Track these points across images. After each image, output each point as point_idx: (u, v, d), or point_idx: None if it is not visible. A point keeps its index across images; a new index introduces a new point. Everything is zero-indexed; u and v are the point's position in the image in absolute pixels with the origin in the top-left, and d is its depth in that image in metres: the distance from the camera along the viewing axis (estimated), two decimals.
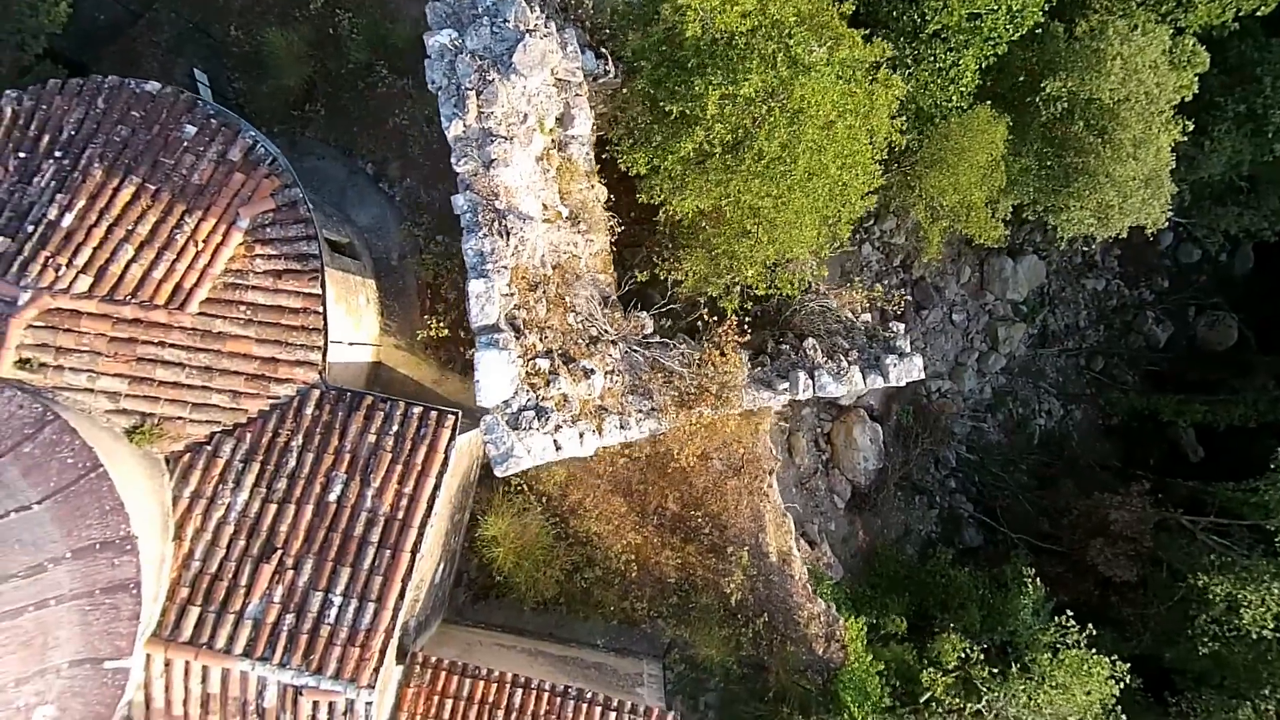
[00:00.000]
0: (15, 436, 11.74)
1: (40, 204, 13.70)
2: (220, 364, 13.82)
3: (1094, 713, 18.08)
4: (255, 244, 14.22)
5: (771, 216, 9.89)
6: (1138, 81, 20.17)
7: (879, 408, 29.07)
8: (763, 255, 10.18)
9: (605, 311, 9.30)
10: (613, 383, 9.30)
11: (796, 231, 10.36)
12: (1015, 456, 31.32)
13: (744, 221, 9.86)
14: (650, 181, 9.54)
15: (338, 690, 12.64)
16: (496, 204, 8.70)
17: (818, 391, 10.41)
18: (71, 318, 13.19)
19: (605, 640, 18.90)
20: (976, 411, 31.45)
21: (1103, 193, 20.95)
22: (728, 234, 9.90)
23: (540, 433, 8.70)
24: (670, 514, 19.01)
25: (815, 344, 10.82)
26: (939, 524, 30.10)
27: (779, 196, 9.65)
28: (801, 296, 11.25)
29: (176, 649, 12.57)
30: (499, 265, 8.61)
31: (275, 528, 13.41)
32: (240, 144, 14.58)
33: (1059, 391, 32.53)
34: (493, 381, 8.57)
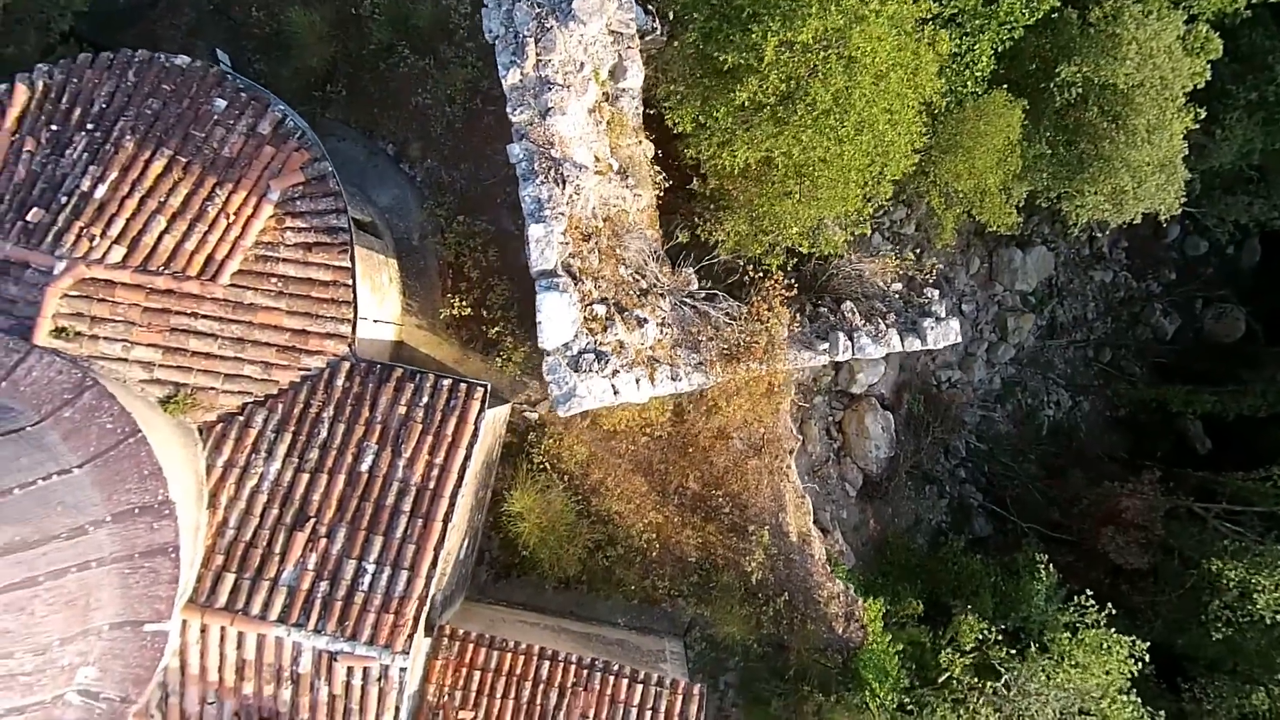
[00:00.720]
0: (55, 401, 11.81)
1: (73, 176, 13.77)
2: (252, 335, 13.90)
3: (1115, 690, 18.15)
4: (285, 217, 14.30)
5: (816, 174, 10.00)
6: (1153, 66, 20.27)
7: (890, 396, 29.15)
8: (806, 214, 10.27)
9: (654, 265, 9.39)
10: (663, 334, 9.39)
11: (839, 190, 10.45)
12: (1024, 447, 31.39)
13: (786, 181, 9.95)
14: (697, 137, 9.62)
15: (372, 656, 12.71)
16: (552, 153, 8.79)
17: (856, 353, 10.50)
18: (106, 288, 13.26)
19: (626, 619, 18.98)
20: (986, 402, 31.54)
21: (1118, 178, 21.03)
22: (770, 194, 9.99)
23: (599, 376, 8.78)
24: (691, 493, 19.09)
25: (853, 307, 10.93)
26: (949, 513, 30.16)
27: (828, 149, 9.76)
28: (837, 261, 11.33)
29: (213, 614, 12.63)
30: (556, 212, 8.70)
31: (308, 497, 13.48)
32: (270, 118, 14.66)
33: (1067, 383, 32.63)
34: (554, 324, 8.66)
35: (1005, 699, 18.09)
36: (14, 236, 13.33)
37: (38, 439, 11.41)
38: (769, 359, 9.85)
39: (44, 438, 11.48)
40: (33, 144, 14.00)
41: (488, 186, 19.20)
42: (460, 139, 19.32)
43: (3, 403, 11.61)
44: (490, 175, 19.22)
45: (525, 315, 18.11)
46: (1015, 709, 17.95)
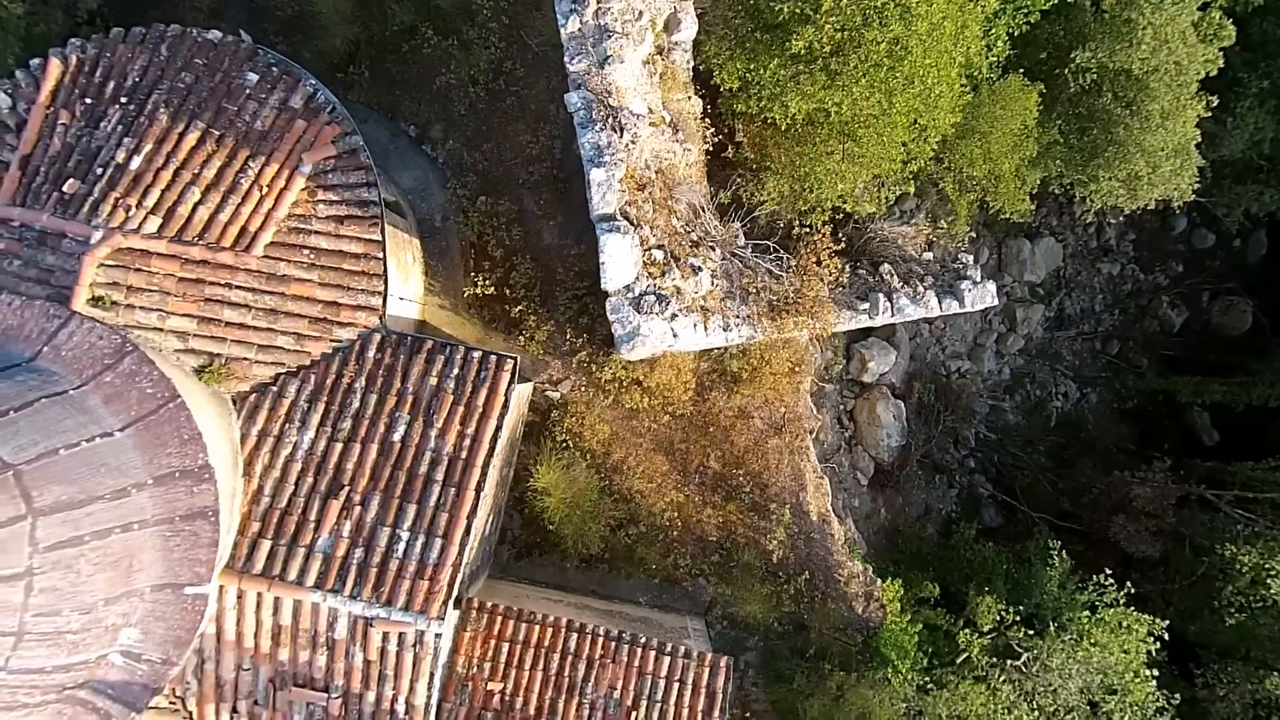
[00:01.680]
0: (96, 366, 11.90)
1: (108, 148, 13.88)
2: (285, 306, 13.99)
3: (1136, 667, 18.24)
4: (317, 190, 14.41)
5: (860, 132, 10.13)
6: (1168, 51, 20.39)
7: (901, 385, 29.26)
8: (849, 173, 10.40)
9: (705, 217, 9.50)
10: (714, 285, 9.50)
11: (883, 147, 10.59)
12: (1033, 438, 31.51)
13: (830, 141, 10.07)
14: (746, 93, 9.73)
15: (408, 621, 12.79)
16: (609, 101, 8.91)
17: (896, 314, 10.61)
18: (142, 257, 13.35)
19: (648, 597, 19.06)
20: (995, 392, 31.66)
21: (1133, 163, 21.14)
22: (812, 154, 10.10)
23: (660, 318, 8.87)
24: (712, 472, 19.18)
25: (890, 270, 11.03)
26: (958, 503, 30.28)
27: (877, 103, 9.90)
28: (874, 226, 11.44)
29: (250, 580, 12.71)
30: (615, 158, 8.80)
31: (341, 466, 13.57)
32: (301, 92, 14.78)
33: (1075, 374, 32.74)
34: (617, 265, 8.75)
35: (1027, 675, 18.17)
36: (50, 207, 13.42)
37: (80, 402, 11.50)
38: (816, 312, 9.93)
39: (86, 401, 11.56)
40: (67, 117, 14.09)
41: (510, 167, 19.30)
42: (482, 120, 19.42)
43: (45, 367, 11.69)
44: (513, 156, 19.33)
45: (548, 295, 18.29)
46: (1036, 685, 18.03)
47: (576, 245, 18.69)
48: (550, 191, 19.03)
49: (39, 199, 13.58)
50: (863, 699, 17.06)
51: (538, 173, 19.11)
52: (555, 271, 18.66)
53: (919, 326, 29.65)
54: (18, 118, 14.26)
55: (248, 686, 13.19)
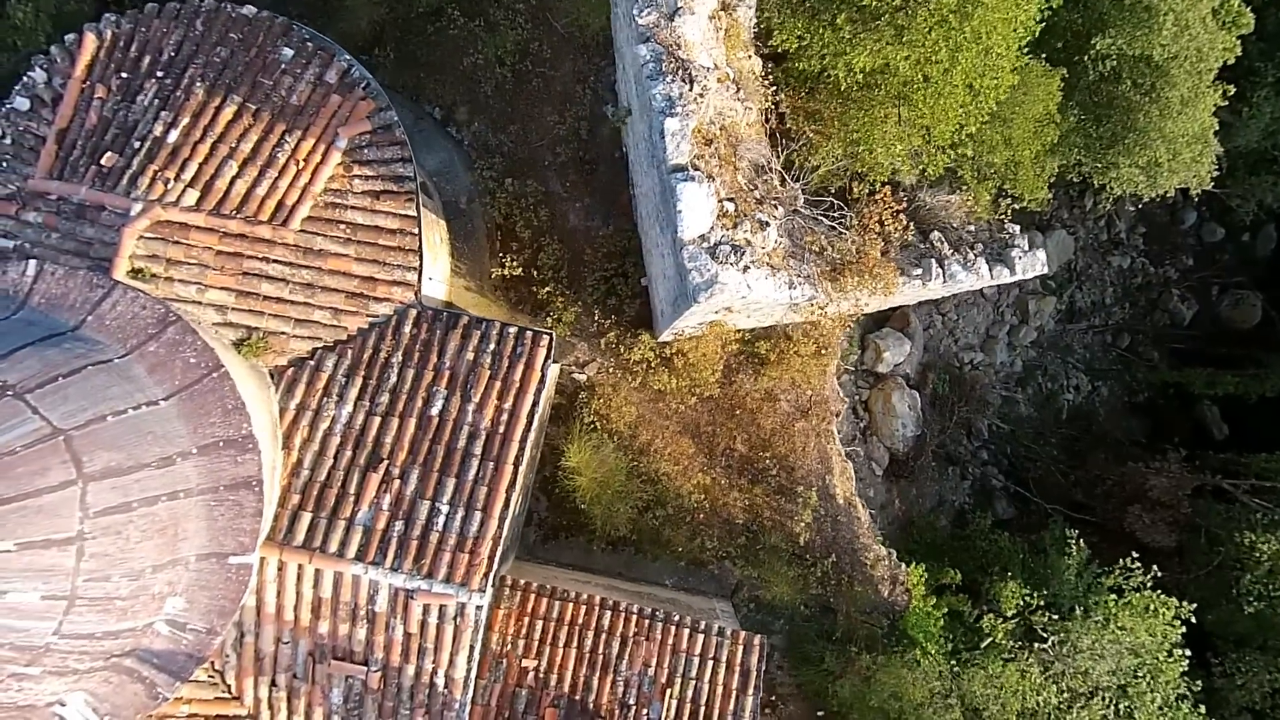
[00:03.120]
0: (140, 336, 11.87)
1: (145, 121, 13.85)
2: (321, 281, 13.96)
3: (1170, 645, 18.21)
4: (353, 165, 14.40)
5: (916, 95, 10.14)
6: (1189, 38, 20.38)
7: (915, 376, 29.26)
8: (906, 136, 10.41)
9: (768, 176, 9.49)
10: (778, 242, 9.49)
11: (941, 111, 10.61)
12: (1044, 430, 31.54)
13: (885, 105, 10.08)
14: (808, 50, 9.72)
15: (449, 593, 12.77)
16: (679, 53, 8.91)
17: (947, 279, 10.61)
18: (181, 230, 13.32)
19: (674, 580, 19.04)
20: (1007, 384, 31.67)
21: (1153, 150, 21.10)
22: (866, 118, 10.10)
23: (735, 269, 8.86)
24: (738, 455, 19.17)
25: (941, 236, 11.03)
26: (971, 495, 30.26)
27: (941, 61, 9.94)
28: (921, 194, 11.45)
29: (291, 552, 12.67)
30: (686, 109, 8.79)
31: (380, 439, 13.54)
32: (336, 67, 14.76)
33: (1086, 367, 32.76)
34: (694, 213, 8.71)
35: (1057, 657, 18.16)
36: (88, 180, 13.39)
37: (125, 371, 11.47)
38: (878, 273, 9.92)
39: (131, 370, 11.54)
40: (103, 91, 14.06)
41: (535, 149, 19.30)
42: (508, 102, 19.42)
43: (90, 336, 11.66)
44: (538, 138, 19.33)
45: (575, 276, 18.28)
46: (1065, 667, 18.01)
47: (604, 227, 18.70)
48: (576, 173, 19.04)
49: (76, 172, 13.55)
50: (895, 679, 17.02)
51: (564, 154, 19.12)
52: (583, 253, 18.66)
53: (932, 317, 29.71)
54: (53, 93, 14.22)
55: (287, 660, 13.14)
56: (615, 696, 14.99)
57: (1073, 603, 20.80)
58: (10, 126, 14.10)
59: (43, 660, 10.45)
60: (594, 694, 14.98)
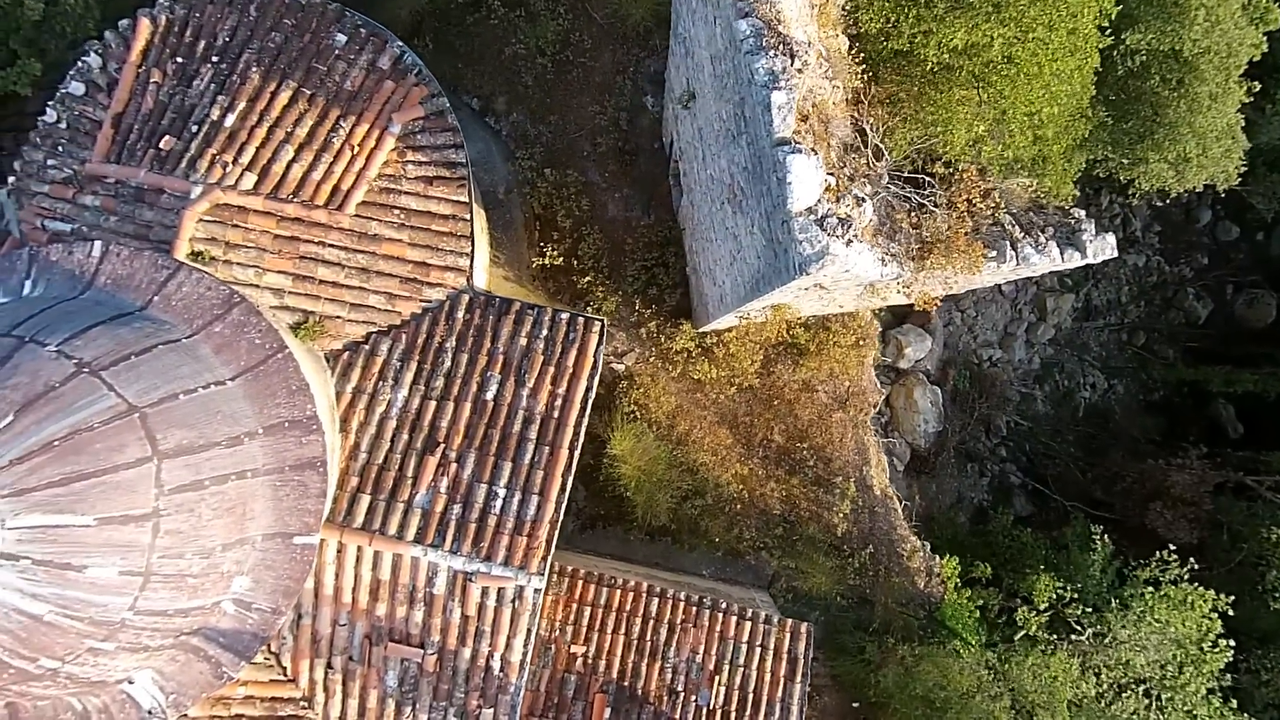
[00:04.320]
0: (206, 316, 11.91)
1: (202, 105, 13.89)
2: (376, 266, 14.00)
3: (1210, 639, 18.25)
4: (406, 150, 14.44)
5: (995, 78, 10.23)
6: (1220, 33, 20.45)
7: (936, 372, 29.33)
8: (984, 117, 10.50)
9: (859, 153, 9.55)
10: (870, 219, 9.56)
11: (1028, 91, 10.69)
12: (1061, 427, 31.62)
13: (964, 87, 10.15)
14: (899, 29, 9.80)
15: (508, 576, 12.80)
16: (779, 28, 8.98)
17: (1021, 262, 10.69)
18: (239, 214, 13.35)
19: (711, 570, 19.08)
20: (1025, 381, 31.77)
21: (1183, 145, 21.15)
22: (944, 100, 10.16)
23: (840, 241, 8.91)
24: (775, 446, 19.22)
25: (1011, 220, 11.11)
26: (989, 492, 30.32)
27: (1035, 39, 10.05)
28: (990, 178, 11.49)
29: (351, 534, 12.70)
30: (789, 83, 8.85)
31: (436, 423, 13.58)
32: (389, 53, 14.82)
33: (1102, 365, 32.84)
34: (804, 185, 8.76)
35: (1097, 648, 18.21)
36: (147, 163, 13.42)
37: (193, 350, 11.51)
38: (968, 251, 9.98)
39: (198, 350, 11.57)
40: (159, 76, 14.10)
41: (574, 139, 19.35)
42: (547, 92, 19.47)
43: (157, 316, 11.69)
44: (577, 129, 19.38)
45: (615, 266, 18.32)
46: (1105, 659, 18.06)
47: (645, 217, 18.76)
48: (616, 164, 19.10)
49: (134, 156, 13.59)
50: (939, 668, 17.06)
51: (604, 145, 19.17)
52: (623, 243, 18.71)
53: (951, 314, 29.82)
54: (108, 77, 14.26)
55: (343, 642, 13.17)
56: (663, 683, 15.04)
57: (1097, 597, 20.86)
58: (65, 111, 14.14)
59: (118, 635, 10.48)
60: (642, 680, 15.03)
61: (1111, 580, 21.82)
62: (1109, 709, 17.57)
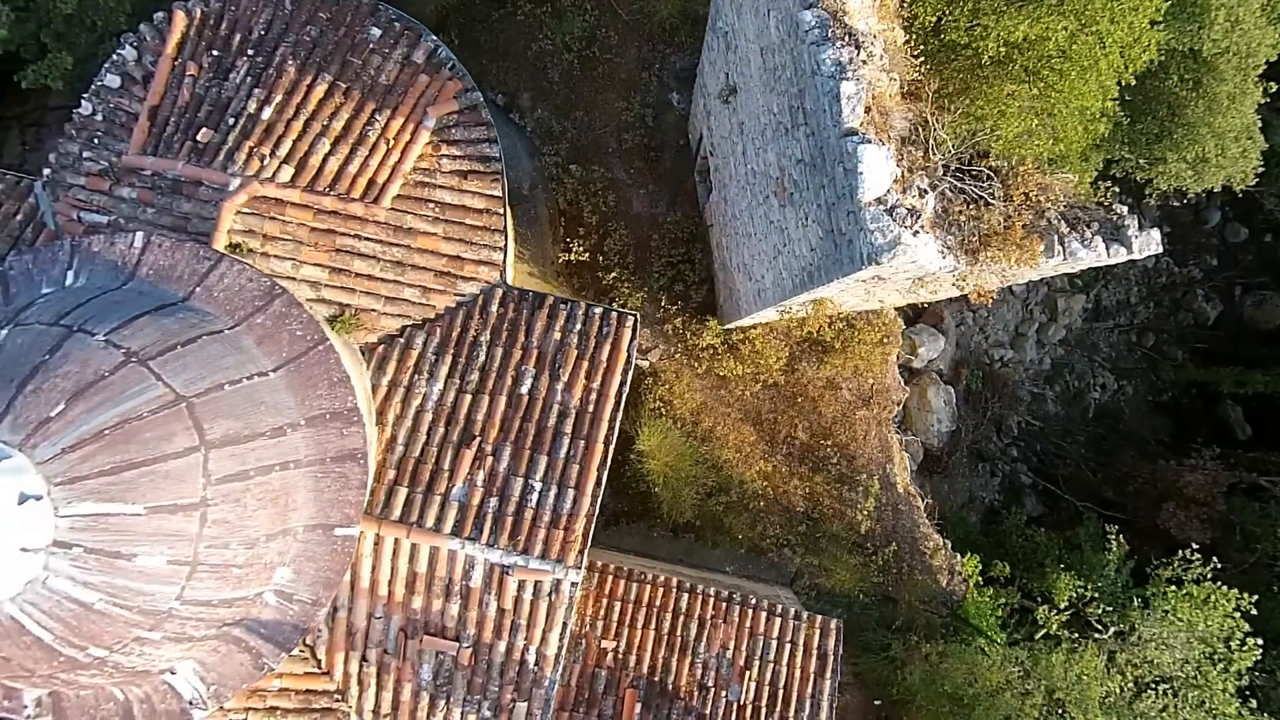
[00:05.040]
0: (247, 308, 11.90)
1: (238, 98, 13.90)
2: (411, 259, 14.02)
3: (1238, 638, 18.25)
4: (441, 144, 14.47)
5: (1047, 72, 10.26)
6: (1240, 33, 20.49)
7: (948, 372, 29.38)
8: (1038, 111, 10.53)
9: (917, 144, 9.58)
10: (932, 211, 9.60)
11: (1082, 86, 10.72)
12: (1072, 428, 31.68)
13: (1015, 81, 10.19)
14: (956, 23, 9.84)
15: (546, 569, 12.80)
16: (844, 19, 9.01)
17: (1068, 257, 10.71)
18: (277, 206, 13.37)
19: (734, 567, 19.09)
20: (1036, 381, 31.82)
21: (1202, 145, 21.20)
22: (993, 94, 10.18)
23: (909, 231, 8.94)
24: (799, 443, 19.25)
25: (1057, 214, 11.15)
26: (1000, 492, 30.38)
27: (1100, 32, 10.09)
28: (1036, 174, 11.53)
29: (389, 526, 12.71)
30: (856, 73, 8.88)
31: (471, 416, 13.59)
32: (423, 47, 14.83)
33: (1112, 366, 32.91)
34: (875, 175, 8.78)
35: (1122, 646, 18.23)
36: (184, 156, 13.44)
37: (235, 341, 11.51)
38: (1023, 246, 10.00)
39: (240, 341, 11.57)
40: (195, 68, 14.11)
41: (599, 136, 19.36)
42: (572, 88, 19.49)
43: (199, 307, 11.69)
44: (602, 125, 19.40)
45: (641, 262, 18.34)
46: (1131, 656, 18.09)
47: (671, 213, 18.77)
48: (641, 160, 19.11)
49: (170, 148, 13.60)
50: (968, 665, 17.08)
51: (630, 141, 19.19)
52: (649, 239, 18.73)
53: (963, 314, 29.88)
54: (144, 70, 14.26)
55: (378, 635, 13.17)
56: (694, 678, 15.06)
57: (1113, 597, 20.88)
58: (101, 104, 14.14)
59: (164, 625, 10.48)
60: (673, 676, 15.05)
61: (1126, 580, 21.87)
62: (1135, 707, 17.60)
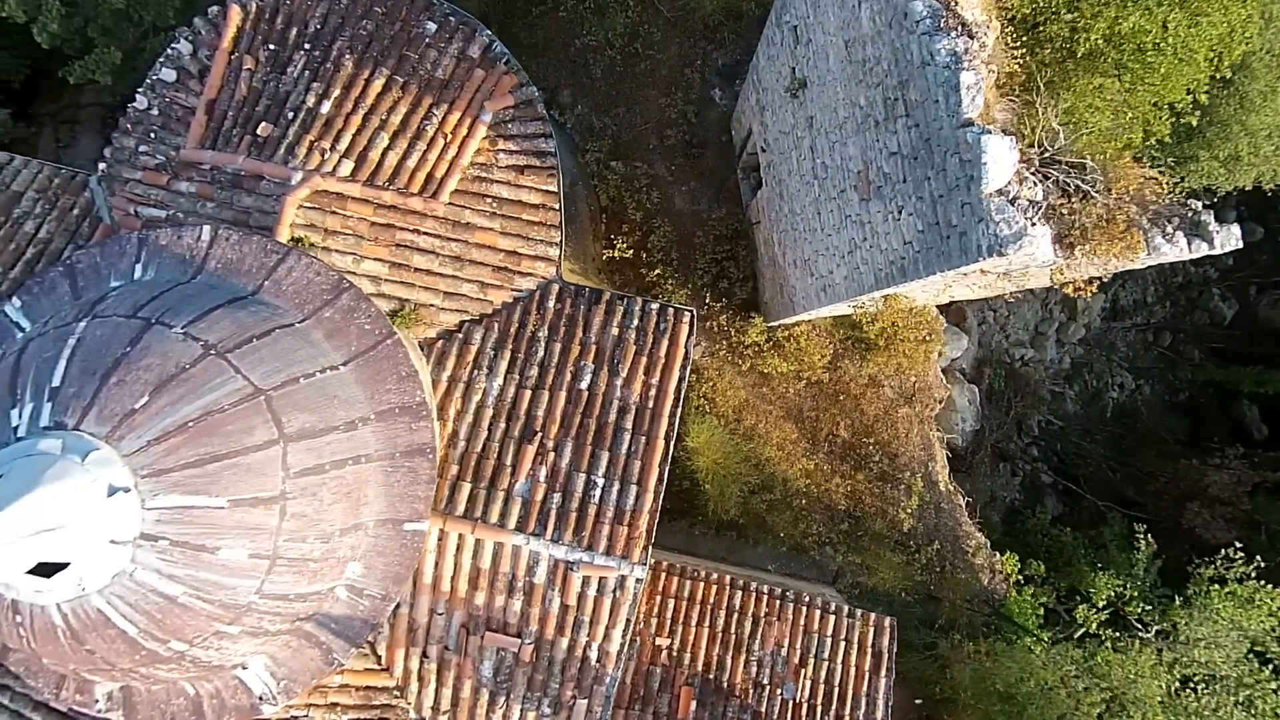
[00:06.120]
0: (316, 301, 11.84)
1: (297, 92, 13.82)
2: (469, 254, 13.95)
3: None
4: (498, 139, 14.40)
5: (1135, 64, 10.26)
6: (1274, 30, 20.52)
7: (971, 371, 29.38)
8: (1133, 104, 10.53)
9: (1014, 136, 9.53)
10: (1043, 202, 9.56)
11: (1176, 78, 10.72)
12: (1091, 427, 31.72)
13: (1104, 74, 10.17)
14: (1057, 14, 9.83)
15: (611, 566, 12.74)
16: (957, 9, 8.97)
17: (1151, 251, 10.70)
18: (338, 200, 13.29)
19: (776, 566, 19.05)
20: (1056, 381, 31.85)
21: (1234, 143, 21.26)
22: (1080, 87, 10.15)
23: (1030, 223, 8.91)
24: (841, 441, 19.22)
25: (1137, 209, 11.11)
26: (1021, 491, 30.40)
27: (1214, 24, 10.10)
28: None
29: (454, 521, 12.63)
30: (973, 63, 8.84)
31: (532, 412, 13.52)
32: (478, 41, 14.77)
33: (1129, 365, 32.95)
34: (999, 166, 8.73)
35: (1168, 645, 18.20)
36: (244, 149, 13.35)
37: (306, 335, 11.44)
38: (1125, 237, 9.98)
39: (311, 335, 11.51)
40: (251, 62, 14.03)
41: (640, 133, 19.33)
42: (613, 85, 19.45)
43: (269, 300, 11.62)
44: (643, 121, 19.36)
45: (684, 259, 18.30)
46: (1176, 656, 18.05)
47: (715, 210, 18.75)
48: (684, 157, 19.08)
49: (229, 142, 13.51)
50: (1020, 662, 17.03)
51: (672, 138, 19.16)
52: (692, 236, 18.69)
53: (984, 313, 29.91)
54: (199, 64, 14.18)
55: (440, 631, 13.08)
56: (749, 676, 15.01)
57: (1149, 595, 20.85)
58: (156, 98, 14.06)
59: (243, 619, 10.40)
60: (727, 673, 15.00)
61: (1154, 579, 21.87)
62: (1189, 705, 17.57)
